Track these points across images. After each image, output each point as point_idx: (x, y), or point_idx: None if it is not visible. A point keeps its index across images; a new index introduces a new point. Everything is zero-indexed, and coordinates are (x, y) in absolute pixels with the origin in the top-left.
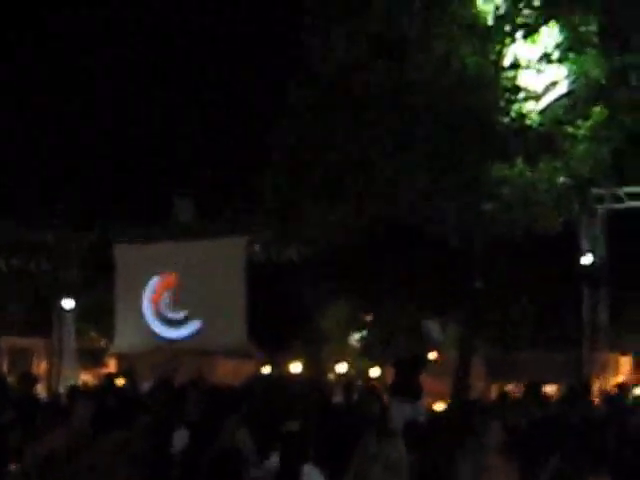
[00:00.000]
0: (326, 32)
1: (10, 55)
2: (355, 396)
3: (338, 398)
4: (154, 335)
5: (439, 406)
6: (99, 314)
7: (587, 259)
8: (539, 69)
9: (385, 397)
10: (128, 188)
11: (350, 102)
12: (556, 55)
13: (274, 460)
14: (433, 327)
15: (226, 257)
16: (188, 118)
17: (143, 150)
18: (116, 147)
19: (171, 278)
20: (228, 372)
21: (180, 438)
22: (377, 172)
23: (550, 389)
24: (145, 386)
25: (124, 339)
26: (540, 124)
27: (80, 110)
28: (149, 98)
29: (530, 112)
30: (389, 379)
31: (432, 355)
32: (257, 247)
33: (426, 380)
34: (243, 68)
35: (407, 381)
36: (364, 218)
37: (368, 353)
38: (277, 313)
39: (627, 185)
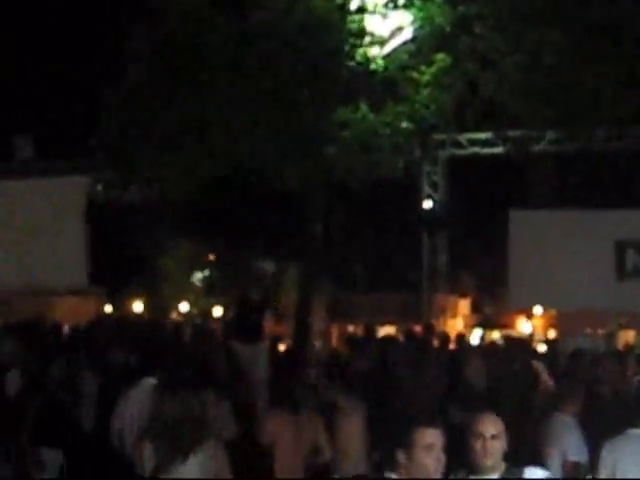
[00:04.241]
0: None
1: None
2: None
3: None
4: None
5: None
6: None
7: (427, 204)
8: (385, 14)
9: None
10: None
11: (190, 56)
12: (402, 1)
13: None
14: (268, 267)
15: (66, 196)
16: (25, 55)
17: None
18: None
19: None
20: (68, 311)
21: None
22: (214, 129)
23: (389, 329)
24: None
25: None
26: (385, 69)
27: None
28: None
29: (375, 57)
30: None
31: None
32: (99, 187)
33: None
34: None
35: (247, 322)
36: (202, 172)
37: (211, 292)
38: (119, 252)
39: (468, 132)
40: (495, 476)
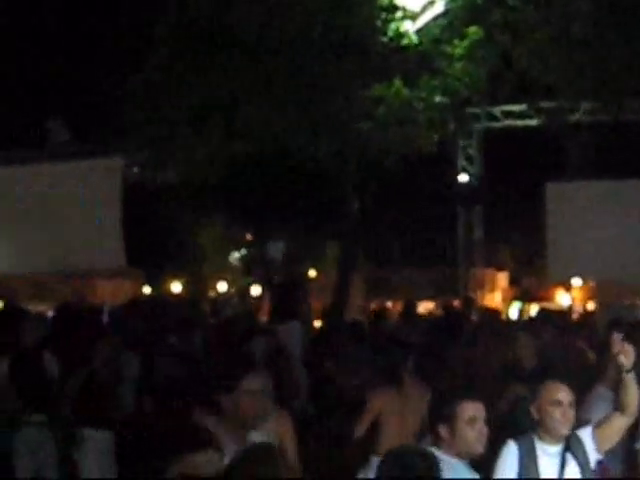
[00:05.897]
0: None
1: None
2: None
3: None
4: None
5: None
6: None
7: (463, 178)
8: None
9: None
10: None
11: (217, 34)
12: None
13: None
14: (275, 248)
15: (101, 178)
16: (58, 40)
17: (12, 73)
18: None
19: None
20: (107, 294)
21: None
22: (244, 107)
23: (429, 306)
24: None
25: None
26: (418, 43)
27: None
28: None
29: (408, 31)
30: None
31: (312, 274)
32: (135, 169)
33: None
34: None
35: (282, 302)
36: (233, 151)
37: (249, 272)
38: (155, 234)
39: (502, 104)
40: (559, 446)
